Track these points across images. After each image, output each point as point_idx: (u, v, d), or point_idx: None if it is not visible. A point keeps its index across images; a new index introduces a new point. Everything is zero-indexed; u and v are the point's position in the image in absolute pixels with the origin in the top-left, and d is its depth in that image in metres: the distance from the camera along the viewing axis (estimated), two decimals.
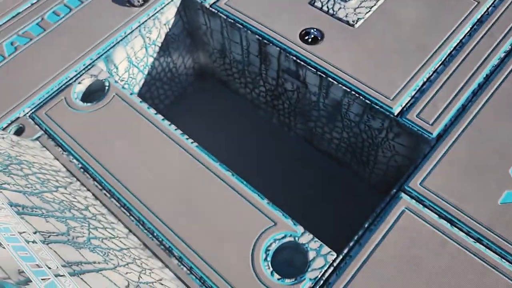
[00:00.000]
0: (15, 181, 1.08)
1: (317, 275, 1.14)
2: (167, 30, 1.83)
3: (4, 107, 1.50)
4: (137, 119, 1.46)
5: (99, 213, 1.26)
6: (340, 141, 1.76)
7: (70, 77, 1.57)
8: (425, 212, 1.18)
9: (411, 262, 1.11)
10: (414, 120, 1.35)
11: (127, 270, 1.03)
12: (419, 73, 1.43)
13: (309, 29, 1.58)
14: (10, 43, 1.66)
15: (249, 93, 2.05)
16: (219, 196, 1.28)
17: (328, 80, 1.49)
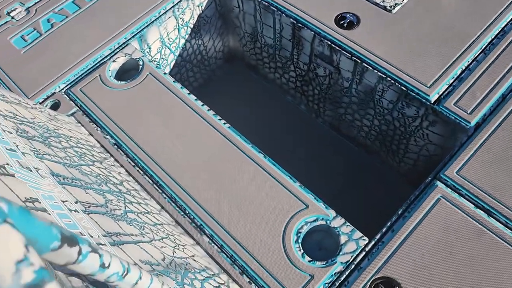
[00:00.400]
0: (55, 152, 1.10)
1: (348, 259, 1.13)
2: (200, 11, 1.82)
3: (41, 83, 1.53)
4: (170, 98, 1.47)
5: (133, 188, 1.27)
6: (370, 128, 1.74)
7: (104, 55, 1.58)
8: (461, 201, 1.16)
9: (445, 251, 1.10)
10: (452, 108, 1.32)
11: (162, 244, 1.04)
12: (458, 61, 1.40)
13: (345, 13, 1.56)
14: (46, 20, 1.68)
15: (278, 78, 2.04)
16: (251, 177, 1.28)
17: (363, 66, 1.47)
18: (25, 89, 1.51)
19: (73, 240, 0.39)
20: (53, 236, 0.36)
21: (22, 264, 0.29)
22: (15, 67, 1.57)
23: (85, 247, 0.41)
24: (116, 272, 0.46)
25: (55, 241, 0.37)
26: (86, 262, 0.41)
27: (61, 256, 0.38)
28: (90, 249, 0.42)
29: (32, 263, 0.30)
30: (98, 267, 0.43)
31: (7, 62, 1.58)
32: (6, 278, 0.28)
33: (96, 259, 0.43)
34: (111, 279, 0.46)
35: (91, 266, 0.42)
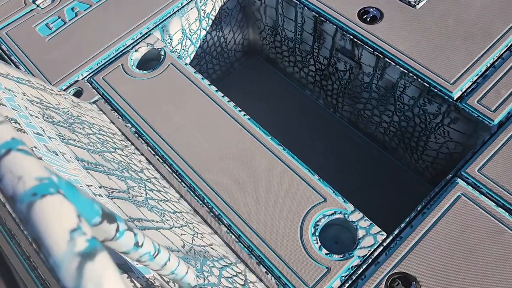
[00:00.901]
0: (79, 138, 1.12)
1: (365, 253, 1.13)
2: (222, 3, 1.83)
3: (64, 70, 1.55)
4: (191, 89, 1.48)
5: (153, 176, 1.29)
6: (389, 124, 1.73)
7: (127, 44, 1.60)
8: (482, 199, 1.15)
9: (464, 249, 1.09)
10: (475, 106, 1.31)
11: (181, 232, 1.06)
12: (482, 58, 1.38)
13: (368, 8, 1.55)
14: (71, 9, 1.71)
15: (297, 72, 2.04)
16: (270, 168, 1.29)
17: (385, 61, 1.46)
18: (49, 76, 1.54)
19: (112, 217, 0.40)
20: (95, 211, 0.37)
21: (75, 232, 0.30)
22: (39, 55, 1.59)
23: (122, 225, 0.42)
24: (148, 251, 0.47)
25: (97, 216, 0.38)
26: (122, 239, 0.42)
27: (101, 231, 0.39)
28: (126, 227, 0.43)
29: (85, 233, 0.31)
30: (132, 246, 0.44)
31: (32, 49, 1.61)
32: (61, 246, 0.29)
33: (132, 237, 0.44)
34: (143, 259, 0.47)
35: (127, 244, 0.43)
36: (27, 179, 0.32)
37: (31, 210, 0.31)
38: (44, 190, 0.32)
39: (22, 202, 0.31)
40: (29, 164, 0.33)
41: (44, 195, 0.31)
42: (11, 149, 0.33)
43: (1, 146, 0.33)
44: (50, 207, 0.31)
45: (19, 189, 0.31)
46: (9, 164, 0.32)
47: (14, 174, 0.32)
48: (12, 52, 1.61)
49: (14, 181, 0.31)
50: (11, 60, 1.59)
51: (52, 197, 0.32)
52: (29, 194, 0.31)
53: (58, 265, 0.28)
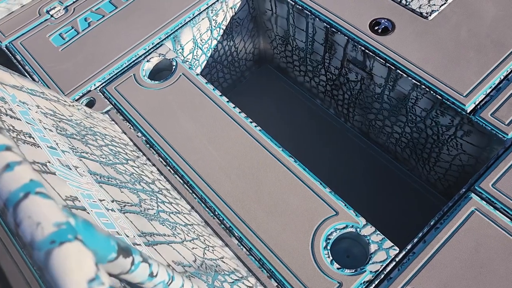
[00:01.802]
0: (92, 151, 1.12)
1: (378, 269, 1.12)
2: (233, 13, 1.84)
3: (77, 80, 1.56)
4: (202, 99, 1.48)
5: (164, 188, 1.29)
6: (401, 135, 1.71)
7: (139, 54, 1.61)
8: (496, 214, 1.14)
9: (478, 265, 1.08)
10: (488, 119, 1.29)
11: (193, 246, 1.06)
12: (496, 70, 1.37)
13: (380, 19, 1.55)
14: (84, 19, 1.72)
15: (308, 82, 2.03)
16: (281, 181, 1.29)
17: (397, 72, 1.45)
18: (62, 86, 1.55)
19: (127, 251, 0.40)
20: (111, 247, 0.37)
21: (94, 283, 0.30)
22: (53, 64, 1.61)
23: (137, 257, 0.42)
24: (163, 280, 0.47)
25: (113, 252, 0.37)
26: (137, 271, 0.42)
27: (116, 266, 0.39)
28: (141, 259, 0.43)
29: (103, 283, 0.30)
30: (147, 276, 0.44)
31: (45, 59, 1.63)
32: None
33: (146, 268, 0.43)
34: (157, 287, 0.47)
35: (142, 275, 0.43)
36: (45, 226, 0.31)
37: (49, 258, 0.31)
38: (63, 237, 0.31)
39: (41, 250, 0.31)
40: (48, 208, 0.32)
41: (63, 243, 0.31)
42: (30, 192, 0.33)
43: (19, 190, 0.32)
44: (68, 256, 0.30)
45: (37, 236, 0.31)
46: (27, 209, 0.32)
47: (32, 220, 0.31)
48: (26, 62, 1.62)
49: (32, 227, 0.31)
50: (25, 70, 1.61)
51: (70, 245, 0.31)
52: (47, 242, 0.31)
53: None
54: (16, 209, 0.32)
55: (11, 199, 0.32)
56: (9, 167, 0.33)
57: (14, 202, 0.32)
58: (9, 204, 0.32)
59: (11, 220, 0.32)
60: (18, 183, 0.33)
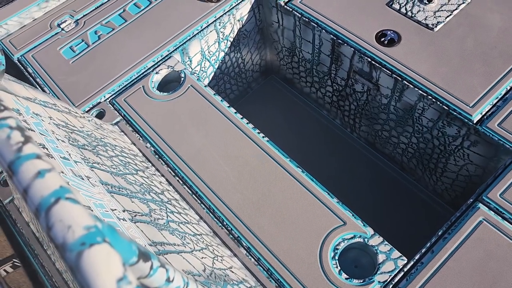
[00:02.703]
0: (103, 161, 1.14)
1: (386, 279, 1.12)
2: (240, 26, 1.86)
3: (87, 92, 1.59)
4: (211, 110, 1.50)
5: (173, 198, 1.30)
6: (407, 146, 1.72)
7: (148, 66, 1.64)
8: (505, 224, 1.14)
9: (487, 275, 1.08)
10: (495, 129, 1.30)
11: (202, 255, 1.07)
12: (502, 81, 1.38)
13: (386, 30, 1.57)
14: (94, 32, 1.76)
15: (314, 93, 2.05)
16: (289, 191, 1.30)
17: (403, 83, 1.46)
18: (73, 98, 1.58)
19: (147, 256, 0.42)
20: (133, 252, 0.39)
21: (122, 282, 0.32)
22: (64, 77, 1.64)
23: (156, 262, 0.43)
24: (178, 286, 0.48)
25: (134, 256, 0.39)
26: (155, 276, 0.43)
27: (137, 270, 0.40)
28: (159, 264, 0.44)
29: (131, 282, 0.32)
30: (164, 281, 0.45)
31: (56, 71, 1.66)
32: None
33: (164, 273, 0.45)
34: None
35: (159, 280, 0.44)
36: (76, 229, 0.33)
37: (80, 259, 0.32)
38: (92, 240, 0.33)
39: (72, 251, 0.33)
40: (77, 213, 0.34)
41: (92, 245, 0.33)
42: (60, 198, 0.35)
43: (51, 195, 0.34)
44: (98, 257, 0.32)
45: (69, 239, 0.33)
46: (58, 213, 0.34)
47: (64, 224, 0.33)
48: (37, 75, 1.66)
49: (64, 230, 0.33)
50: (37, 82, 1.64)
51: (99, 247, 0.33)
52: (78, 244, 0.33)
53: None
54: (48, 213, 0.34)
55: (43, 204, 0.34)
56: (40, 174, 0.35)
57: (46, 207, 0.34)
58: (41, 209, 0.34)
59: (43, 224, 0.34)
60: (49, 189, 0.35)
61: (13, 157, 0.35)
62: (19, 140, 0.36)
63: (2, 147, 0.35)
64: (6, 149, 0.35)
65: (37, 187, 0.35)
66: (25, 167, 0.35)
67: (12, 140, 0.35)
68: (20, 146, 0.36)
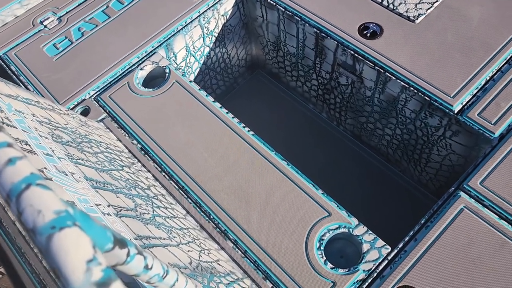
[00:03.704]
0: (87, 157, 1.14)
1: (370, 267, 1.15)
2: (224, 21, 1.87)
3: (71, 89, 1.58)
4: (196, 106, 1.50)
5: (160, 193, 1.31)
6: (392, 137, 1.74)
7: (132, 63, 1.63)
8: (485, 212, 1.16)
9: (468, 261, 1.10)
10: (476, 119, 1.32)
11: (188, 248, 1.08)
12: (482, 71, 1.40)
13: (368, 23, 1.58)
14: (77, 29, 1.75)
15: (300, 87, 2.07)
16: (275, 184, 1.31)
17: (386, 75, 1.48)
18: (57, 95, 1.57)
19: (123, 243, 0.42)
20: (108, 238, 0.39)
21: (91, 263, 0.33)
22: (47, 74, 1.63)
23: (132, 249, 0.44)
24: (157, 273, 0.49)
25: (109, 243, 0.40)
26: (133, 263, 0.44)
27: (113, 257, 0.41)
28: (136, 251, 0.45)
29: (100, 263, 0.33)
30: (142, 268, 0.46)
31: (40, 69, 1.65)
32: (79, 276, 0.32)
33: (141, 260, 0.46)
34: (152, 280, 0.49)
35: (137, 267, 0.45)
36: (46, 213, 0.34)
37: (50, 242, 0.33)
38: (62, 223, 0.34)
39: (42, 234, 0.33)
40: (48, 198, 0.35)
41: (62, 228, 0.34)
42: (31, 184, 0.36)
43: (21, 181, 0.35)
44: (68, 240, 0.33)
45: (39, 223, 0.34)
46: (29, 199, 0.35)
47: (34, 208, 0.34)
48: (20, 72, 1.64)
49: (34, 214, 0.34)
50: (20, 80, 1.63)
51: (69, 230, 0.34)
52: (48, 227, 0.34)
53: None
54: (18, 198, 0.35)
55: (14, 190, 0.35)
56: (11, 162, 0.36)
57: (17, 193, 0.35)
58: (12, 195, 0.35)
59: (14, 209, 0.35)
60: (19, 175, 0.35)
61: None
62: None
63: None
64: None
65: (8, 174, 0.35)
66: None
67: None
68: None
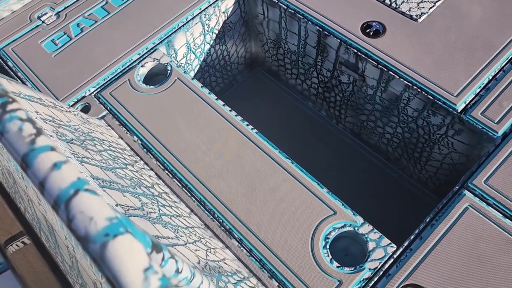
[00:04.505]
0: (92, 156, 1.13)
1: (376, 266, 1.15)
2: (225, 18, 1.85)
3: (71, 86, 1.56)
4: (198, 103, 1.49)
5: (163, 191, 1.30)
6: (392, 135, 1.75)
7: (133, 59, 1.62)
8: (489, 210, 1.17)
9: (473, 259, 1.11)
10: (479, 118, 1.33)
11: (195, 248, 1.07)
12: (484, 70, 1.41)
13: (371, 22, 1.58)
14: (76, 25, 1.72)
15: (300, 85, 2.06)
16: (279, 181, 1.31)
17: (389, 74, 1.48)
18: (56, 92, 1.55)
19: (159, 247, 0.42)
20: (147, 243, 0.39)
21: (148, 271, 0.32)
22: (46, 71, 1.60)
23: (166, 253, 0.43)
24: (186, 276, 0.48)
25: (148, 247, 0.39)
26: (166, 267, 0.43)
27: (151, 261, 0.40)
28: (170, 255, 0.44)
29: (156, 271, 0.32)
30: (174, 272, 0.45)
31: (38, 65, 1.62)
32: (137, 286, 0.31)
33: (174, 264, 0.45)
34: (181, 283, 0.48)
35: (170, 271, 0.45)
36: (98, 220, 0.33)
37: (105, 250, 0.32)
38: (115, 230, 0.33)
39: (96, 242, 0.32)
40: (97, 204, 0.34)
41: (116, 235, 0.33)
42: (79, 189, 0.34)
43: (69, 187, 0.34)
44: (123, 247, 0.32)
45: (92, 230, 0.33)
46: (79, 205, 0.34)
47: (85, 215, 0.33)
48: (18, 69, 1.62)
49: (86, 221, 0.33)
50: (18, 77, 1.60)
51: (123, 237, 0.33)
52: (101, 235, 0.33)
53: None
54: (67, 205, 0.34)
55: (62, 196, 0.34)
56: (57, 166, 0.35)
57: (66, 199, 0.34)
58: (60, 201, 0.34)
59: (63, 217, 0.34)
60: (66, 181, 0.34)
61: (27, 150, 0.34)
62: (31, 132, 0.35)
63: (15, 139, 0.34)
64: (19, 141, 0.34)
65: (54, 180, 0.34)
66: (40, 160, 0.34)
67: (24, 132, 0.35)
68: (33, 138, 0.35)
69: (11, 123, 0.35)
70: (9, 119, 0.35)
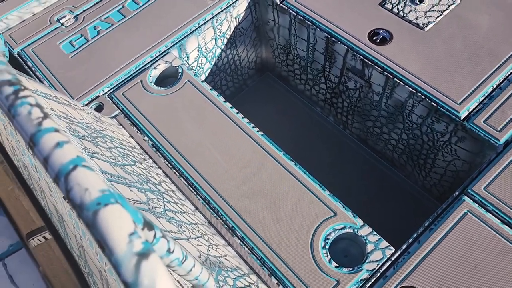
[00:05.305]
0: (102, 152, 1.18)
1: (374, 267, 1.17)
2: (237, 23, 1.90)
3: (86, 86, 1.62)
4: (207, 105, 1.54)
5: (170, 189, 1.34)
6: (398, 142, 1.77)
7: (146, 62, 1.67)
8: (488, 216, 1.19)
9: (470, 264, 1.13)
10: (481, 125, 1.35)
11: (197, 243, 1.11)
12: (489, 79, 1.43)
13: (378, 29, 1.61)
14: (93, 27, 1.79)
15: (308, 90, 2.10)
16: (282, 183, 1.34)
17: (394, 81, 1.51)
18: (72, 92, 1.61)
19: (151, 225, 0.46)
20: (139, 219, 0.43)
21: (133, 236, 0.36)
22: (63, 71, 1.67)
23: (158, 232, 0.48)
24: (178, 257, 0.52)
25: (140, 224, 0.43)
26: (158, 245, 0.48)
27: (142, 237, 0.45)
28: (161, 234, 0.48)
29: (140, 236, 0.37)
30: (165, 251, 0.49)
31: (56, 65, 1.69)
32: (122, 247, 0.35)
33: (165, 243, 0.49)
34: (172, 264, 0.52)
35: (161, 250, 0.49)
36: (92, 191, 0.38)
37: (96, 217, 0.37)
38: (107, 200, 0.38)
39: (89, 210, 0.37)
40: (92, 178, 0.39)
41: (107, 204, 0.38)
42: (77, 165, 0.39)
43: (69, 163, 0.39)
44: (112, 214, 0.37)
45: (86, 199, 0.38)
46: (76, 178, 0.38)
47: (81, 187, 0.38)
48: (37, 68, 1.69)
49: (81, 192, 0.38)
50: (36, 76, 1.67)
51: (113, 206, 0.38)
52: (94, 203, 0.38)
53: (119, 263, 0.34)
54: (67, 178, 0.39)
55: (62, 171, 0.39)
56: (59, 145, 0.40)
57: (65, 173, 0.39)
58: (60, 175, 0.39)
59: (63, 188, 0.38)
60: (67, 157, 0.39)
61: (34, 130, 0.39)
62: (39, 116, 0.40)
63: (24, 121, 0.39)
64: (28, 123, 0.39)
65: (56, 156, 0.39)
66: (45, 139, 0.39)
67: (32, 115, 0.40)
68: (40, 120, 0.40)
69: (22, 107, 0.40)
70: (20, 104, 0.40)
